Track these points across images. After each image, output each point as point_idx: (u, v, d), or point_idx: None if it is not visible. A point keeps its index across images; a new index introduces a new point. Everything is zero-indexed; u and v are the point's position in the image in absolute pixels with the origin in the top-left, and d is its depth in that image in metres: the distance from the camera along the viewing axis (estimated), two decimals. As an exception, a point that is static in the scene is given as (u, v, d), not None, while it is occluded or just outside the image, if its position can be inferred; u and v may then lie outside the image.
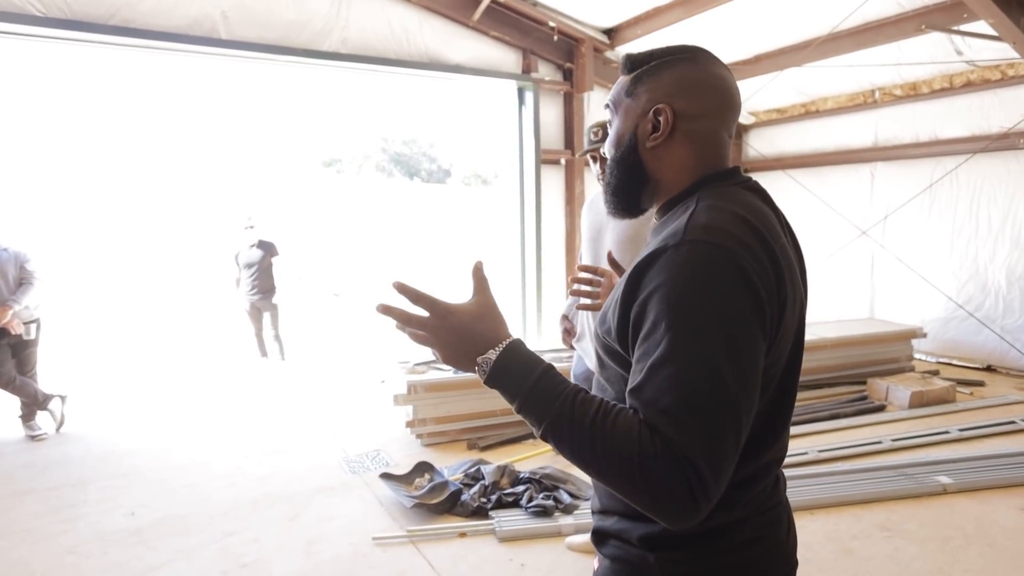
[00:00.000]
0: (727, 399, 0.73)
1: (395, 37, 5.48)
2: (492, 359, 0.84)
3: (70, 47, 4.56)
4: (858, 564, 2.60)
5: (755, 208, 0.88)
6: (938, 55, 5.21)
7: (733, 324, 0.75)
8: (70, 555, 2.79)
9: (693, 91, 0.91)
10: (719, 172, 0.93)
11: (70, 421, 4.51)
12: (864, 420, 4.30)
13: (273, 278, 6.38)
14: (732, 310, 0.76)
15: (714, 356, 0.73)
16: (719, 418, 0.73)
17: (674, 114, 0.90)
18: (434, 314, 0.86)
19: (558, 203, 6.64)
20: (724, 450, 0.72)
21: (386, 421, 4.49)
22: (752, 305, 0.77)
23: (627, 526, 0.90)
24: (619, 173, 0.96)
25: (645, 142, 0.92)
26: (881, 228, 6.29)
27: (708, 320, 0.75)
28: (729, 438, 0.73)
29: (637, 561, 0.89)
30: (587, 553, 2.70)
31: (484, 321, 0.86)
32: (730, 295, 0.76)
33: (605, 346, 0.91)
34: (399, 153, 23.59)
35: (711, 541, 0.86)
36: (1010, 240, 5.37)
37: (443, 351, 0.86)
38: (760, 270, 0.79)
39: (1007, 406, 4.52)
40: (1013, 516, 2.94)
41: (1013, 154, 5.28)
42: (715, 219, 0.82)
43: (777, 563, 0.92)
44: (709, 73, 0.92)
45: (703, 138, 0.92)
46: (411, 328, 0.87)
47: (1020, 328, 5.31)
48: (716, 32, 5.57)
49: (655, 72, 0.93)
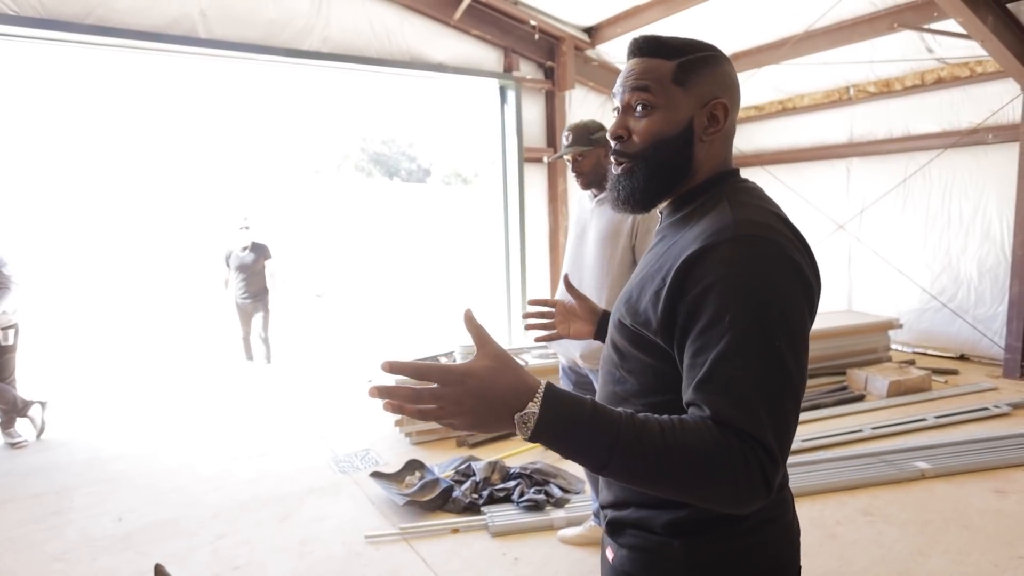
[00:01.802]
0: (791, 386, 0.78)
1: (376, 36, 5.46)
2: (536, 412, 0.74)
3: (46, 47, 4.48)
4: (842, 548, 2.67)
5: (775, 203, 0.93)
6: (910, 53, 5.35)
7: (792, 315, 0.80)
8: (57, 562, 2.76)
9: (734, 89, 0.95)
10: (734, 169, 0.98)
11: (51, 427, 4.43)
12: (844, 410, 4.40)
13: (265, 281, 6.32)
14: (790, 301, 0.80)
15: (779, 346, 0.77)
16: (785, 404, 0.77)
17: (726, 111, 0.93)
18: (447, 383, 0.73)
19: (541, 201, 6.68)
20: (789, 432, 0.78)
21: (374, 420, 4.48)
22: (804, 295, 0.82)
23: (647, 514, 0.92)
24: (665, 163, 0.92)
25: (701, 135, 0.92)
26: (857, 222, 6.43)
27: (771, 312, 0.78)
28: (792, 421, 0.79)
29: (659, 548, 0.90)
30: (579, 545, 2.74)
31: (505, 374, 0.76)
32: (788, 286, 0.80)
33: (634, 338, 0.92)
34: (378, 153, 23.43)
35: (733, 524, 0.88)
36: (980, 232, 5.53)
37: (470, 419, 0.74)
38: (806, 262, 0.84)
39: (980, 393, 4.67)
40: (988, 498, 3.04)
41: (982, 149, 5.44)
42: (758, 214, 0.85)
43: (785, 544, 0.96)
44: (735, 74, 0.97)
45: (730, 136, 0.97)
46: (423, 405, 0.73)
47: (991, 318, 5.47)
48: (695, 31, 5.61)
49: (706, 64, 0.92)
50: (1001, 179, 5.30)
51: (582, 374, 2.51)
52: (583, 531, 2.77)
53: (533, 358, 4.35)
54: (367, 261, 14.06)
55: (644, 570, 0.92)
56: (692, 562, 0.89)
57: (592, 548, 2.68)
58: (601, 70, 6.70)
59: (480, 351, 0.77)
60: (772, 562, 0.93)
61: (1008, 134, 5.15)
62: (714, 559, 0.89)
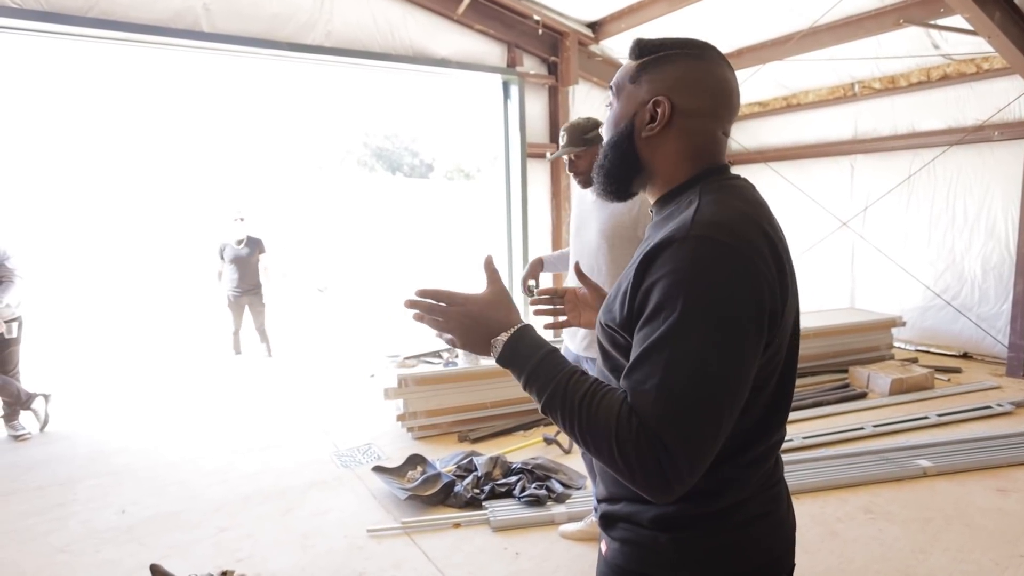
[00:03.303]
0: (710, 392, 0.77)
1: (379, 31, 5.45)
2: (503, 340, 0.92)
3: (49, 40, 4.48)
4: (843, 545, 2.67)
5: (757, 202, 0.91)
6: (916, 49, 5.32)
7: (729, 321, 0.78)
8: (61, 554, 2.77)
9: (694, 88, 0.92)
10: (719, 166, 0.95)
11: (55, 420, 4.45)
12: (847, 407, 4.40)
13: (259, 275, 6.33)
14: (730, 306, 0.78)
15: (705, 349, 0.77)
16: (699, 408, 0.76)
17: (672, 108, 0.92)
18: (452, 303, 0.96)
19: (544, 196, 6.67)
20: (700, 439, 0.76)
21: (377, 415, 4.49)
22: (752, 301, 0.80)
23: (636, 509, 0.93)
24: (612, 157, 0.99)
25: (641, 131, 0.95)
26: (861, 219, 6.41)
27: (705, 314, 0.77)
28: (707, 429, 0.76)
29: (648, 542, 0.91)
30: (580, 541, 2.75)
31: (498, 308, 0.95)
32: (730, 291, 0.79)
33: (611, 338, 0.94)
34: (381, 148, 23.41)
35: (723, 519, 0.89)
36: (985, 230, 5.51)
37: (461, 336, 0.96)
38: (764, 267, 0.82)
39: (983, 391, 4.66)
40: (990, 497, 3.04)
41: (988, 146, 5.41)
42: (720, 215, 0.84)
43: (779, 539, 0.95)
44: (712, 73, 0.93)
45: (698, 134, 0.93)
46: (432, 316, 0.97)
47: (995, 316, 5.45)
48: (699, 26, 5.62)
49: (661, 63, 0.94)
50: (1007, 177, 5.27)
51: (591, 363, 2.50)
52: (584, 526, 2.77)
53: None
54: (369, 256, 14.07)
55: (635, 564, 0.93)
56: (681, 556, 0.89)
57: (593, 543, 2.69)
58: (605, 65, 6.68)
59: (488, 287, 0.98)
60: (764, 556, 0.93)
61: (1014, 131, 5.12)
62: (703, 554, 0.89)
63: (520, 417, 4.18)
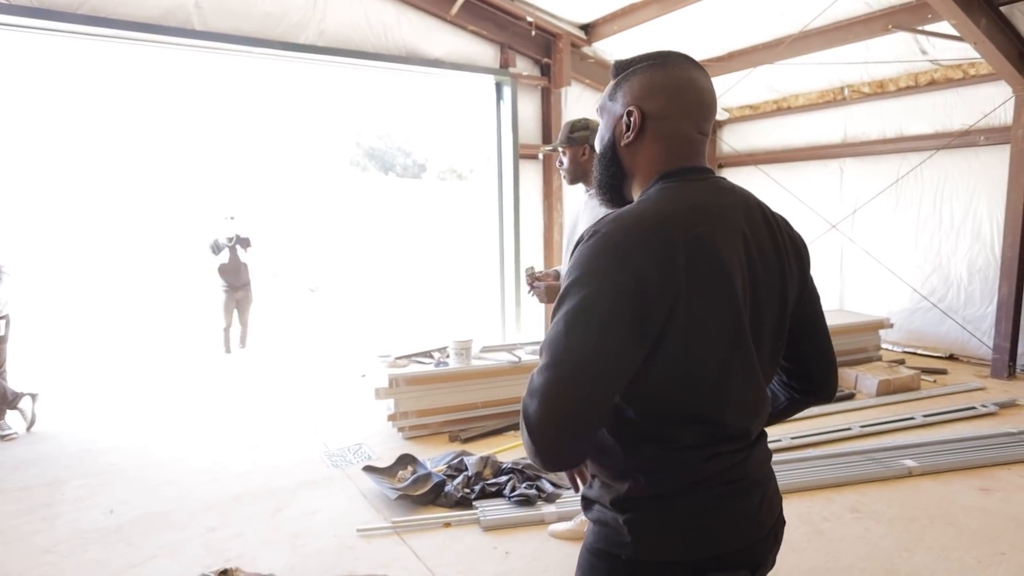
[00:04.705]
0: (567, 362, 0.85)
1: (372, 30, 5.45)
2: None
3: (38, 37, 4.44)
4: (830, 544, 2.70)
5: (687, 201, 0.94)
6: (904, 54, 5.39)
7: (597, 301, 0.85)
8: (48, 554, 2.75)
9: (660, 93, 0.99)
10: (678, 169, 0.99)
11: (42, 420, 4.41)
12: (834, 408, 4.44)
13: (248, 272, 6.40)
14: (601, 289, 0.86)
15: (569, 325, 0.85)
16: (557, 378, 0.84)
17: (642, 115, 1.00)
18: None
19: (536, 197, 6.69)
20: (552, 403, 0.84)
21: (367, 415, 4.49)
22: (630, 284, 0.85)
23: (602, 492, 0.98)
24: (600, 168, 1.09)
25: (621, 141, 1.03)
26: (850, 222, 6.47)
27: (577, 297, 0.86)
28: (558, 395, 0.84)
29: (612, 523, 0.96)
30: (569, 540, 2.76)
31: None
32: (603, 275, 0.86)
33: None
34: (373, 148, 23.34)
35: (672, 505, 0.93)
36: (971, 234, 5.58)
37: None
38: (644, 261, 0.86)
39: (968, 393, 4.72)
40: (973, 496, 3.08)
41: (974, 151, 5.48)
42: (632, 211, 0.93)
43: (736, 533, 0.97)
44: (675, 76, 1.00)
45: (670, 136, 1.00)
46: None
47: (980, 318, 5.52)
48: (691, 29, 5.67)
49: (629, 78, 1.03)
50: (992, 181, 5.34)
51: None
52: (573, 526, 2.79)
53: (526, 354, 4.36)
54: (361, 256, 14.03)
55: (603, 543, 0.98)
56: (636, 538, 0.93)
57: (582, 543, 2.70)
58: (597, 67, 6.71)
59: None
60: (717, 547, 0.95)
61: (1000, 136, 5.19)
62: (655, 538, 0.93)
63: (510, 417, 4.18)
